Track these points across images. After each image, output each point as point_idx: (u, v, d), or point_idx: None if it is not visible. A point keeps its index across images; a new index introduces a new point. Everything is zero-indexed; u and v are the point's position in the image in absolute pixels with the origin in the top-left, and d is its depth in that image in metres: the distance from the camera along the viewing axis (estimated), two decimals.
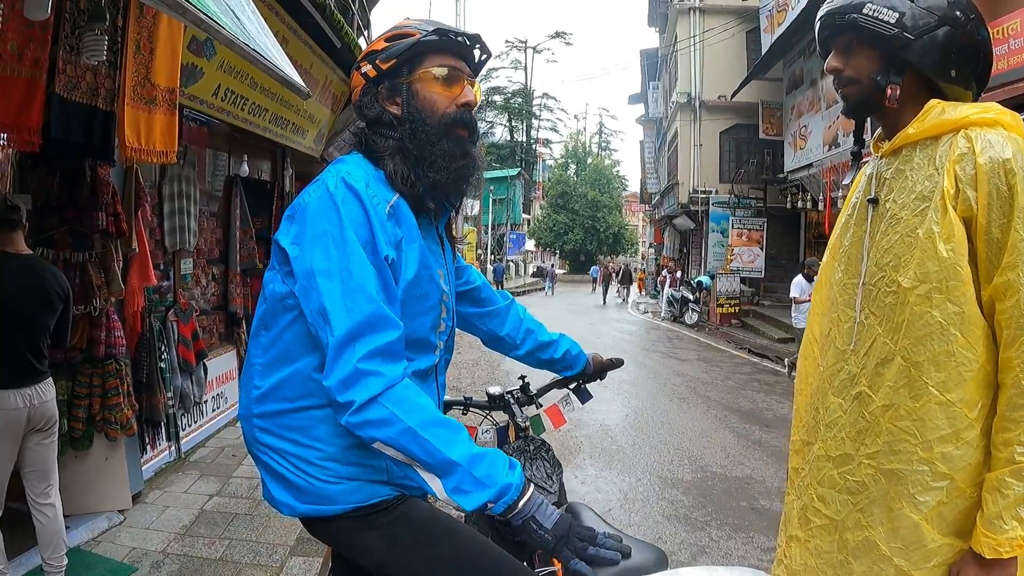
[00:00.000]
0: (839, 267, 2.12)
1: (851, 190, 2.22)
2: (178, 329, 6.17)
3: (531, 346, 2.80)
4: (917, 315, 1.82)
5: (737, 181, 27.02)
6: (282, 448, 1.96)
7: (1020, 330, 1.68)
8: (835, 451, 1.99)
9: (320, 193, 1.90)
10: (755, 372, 14.18)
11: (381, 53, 2.05)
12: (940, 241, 1.79)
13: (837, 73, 2.03)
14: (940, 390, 1.78)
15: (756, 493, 6.51)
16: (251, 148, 8.14)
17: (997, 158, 1.74)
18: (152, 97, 4.57)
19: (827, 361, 2.08)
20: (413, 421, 1.74)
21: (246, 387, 2.04)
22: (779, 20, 20.65)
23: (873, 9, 1.89)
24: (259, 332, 2.03)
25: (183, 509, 5.37)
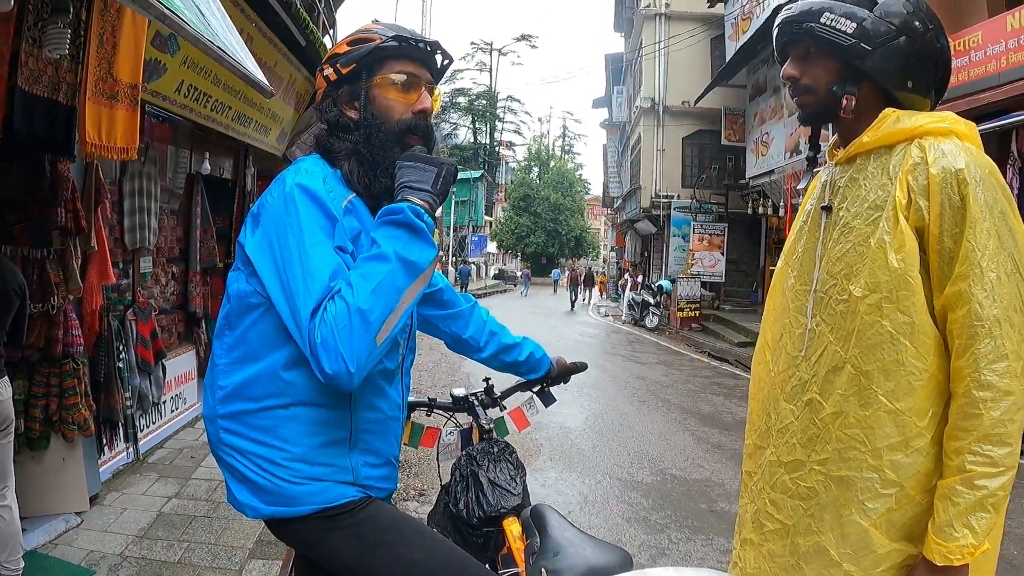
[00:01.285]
0: (792, 273, 2.13)
1: (806, 197, 2.24)
2: (137, 328, 6.08)
3: (495, 349, 2.83)
4: (867, 324, 1.83)
5: (699, 186, 27.31)
6: (247, 449, 1.95)
7: (971, 339, 1.70)
8: (787, 457, 2.00)
9: (279, 192, 1.90)
10: (715, 376, 14.26)
11: (342, 57, 2.06)
12: (891, 251, 1.80)
13: (793, 81, 2.03)
14: (889, 399, 1.80)
15: (715, 495, 6.56)
16: (213, 146, 8.05)
17: (950, 168, 1.75)
18: (114, 92, 4.51)
19: (779, 367, 2.10)
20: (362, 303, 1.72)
21: (211, 387, 2.03)
22: (744, 28, 20.85)
23: (831, 18, 1.89)
24: (223, 332, 2.02)
25: (141, 511, 5.29)
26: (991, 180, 1.76)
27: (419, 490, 6.14)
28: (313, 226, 1.83)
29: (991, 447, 1.66)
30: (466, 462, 2.60)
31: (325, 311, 1.72)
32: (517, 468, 2.62)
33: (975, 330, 1.70)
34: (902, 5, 1.88)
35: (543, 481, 6.78)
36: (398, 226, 1.82)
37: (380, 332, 1.73)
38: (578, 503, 6.24)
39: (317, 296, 1.74)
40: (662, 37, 28.57)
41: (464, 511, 2.46)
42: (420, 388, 10.49)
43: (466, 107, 71.38)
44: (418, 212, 1.84)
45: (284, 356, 1.91)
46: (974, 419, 1.68)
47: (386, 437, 2.12)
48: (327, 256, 1.80)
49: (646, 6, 29.76)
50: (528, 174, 71.84)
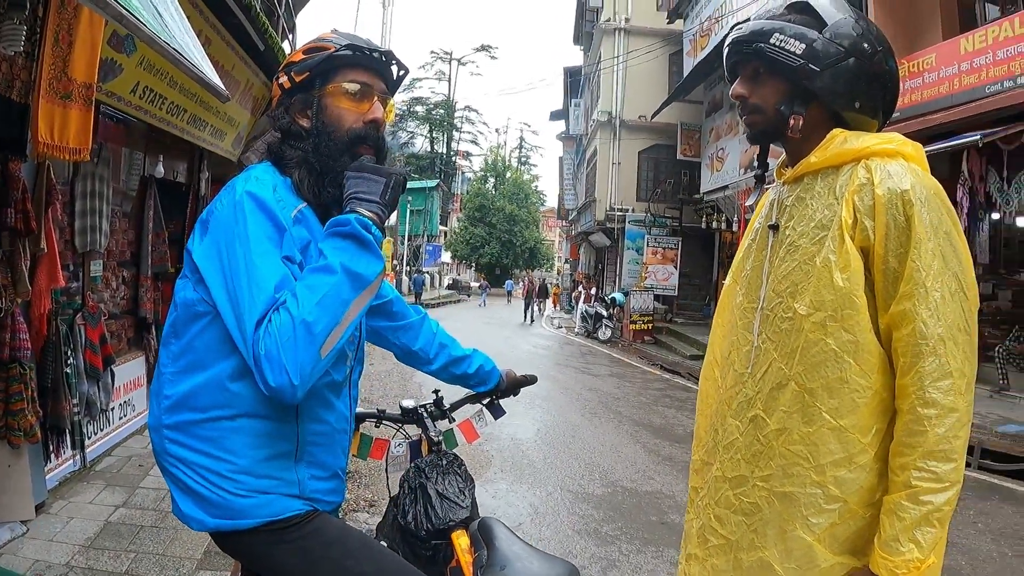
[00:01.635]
0: (740, 291, 2.14)
1: (754, 215, 2.27)
2: (86, 333, 5.97)
3: (444, 361, 2.83)
4: (812, 342, 1.85)
5: (654, 200, 27.54)
6: (192, 460, 1.92)
7: (916, 358, 1.72)
8: (731, 472, 2.01)
9: (228, 199, 1.89)
10: (667, 388, 14.36)
11: (297, 65, 2.06)
12: (836, 270, 1.82)
13: (742, 100, 2.04)
14: (833, 416, 1.81)
15: (665, 507, 6.60)
16: (168, 148, 7.96)
17: (895, 189, 1.78)
18: (68, 92, 4.42)
19: (726, 383, 2.11)
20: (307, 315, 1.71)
21: (156, 396, 2.00)
22: (702, 45, 21.09)
23: (780, 39, 1.90)
24: (169, 340, 1.99)
25: (88, 520, 5.20)
26: (936, 201, 1.79)
27: (369, 501, 6.10)
28: (261, 235, 1.81)
29: (936, 463, 1.68)
30: (415, 474, 2.59)
31: (270, 323, 1.71)
32: (466, 480, 2.62)
33: (919, 348, 1.72)
34: (851, 27, 1.90)
35: (493, 492, 6.78)
36: (345, 238, 1.81)
37: (325, 344, 1.72)
38: (528, 515, 6.24)
39: (262, 307, 1.73)
40: (621, 51, 28.78)
41: (412, 524, 2.45)
42: (371, 398, 10.47)
43: (424, 116, 71.45)
44: (365, 224, 1.84)
45: (230, 366, 1.89)
46: (919, 436, 1.70)
47: (333, 450, 2.11)
48: (273, 266, 1.79)
49: (606, 20, 29.97)
50: (484, 184, 71.85)
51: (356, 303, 1.78)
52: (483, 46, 75.05)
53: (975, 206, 10.47)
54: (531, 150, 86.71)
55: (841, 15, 1.91)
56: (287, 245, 1.85)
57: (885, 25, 12.39)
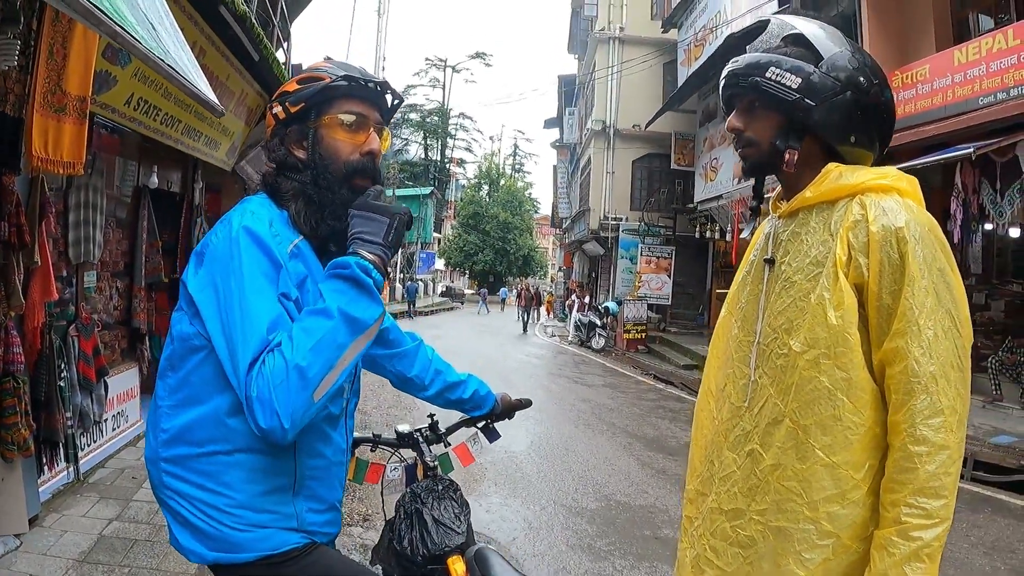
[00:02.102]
0: (736, 323, 2.15)
1: (749, 246, 2.26)
2: (79, 344, 5.95)
3: (440, 387, 2.82)
4: (806, 379, 1.86)
5: (647, 209, 27.56)
6: (190, 494, 1.91)
7: (908, 395, 1.73)
8: (728, 505, 2.02)
9: (224, 233, 1.87)
10: (660, 399, 14.34)
11: (291, 95, 2.04)
12: (830, 308, 1.83)
13: (737, 133, 2.05)
14: (826, 453, 1.82)
15: (659, 522, 6.58)
16: (161, 158, 7.95)
17: (890, 226, 1.79)
18: (62, 105, 4.42)
19: (722, 415, 2.12)
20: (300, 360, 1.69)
21: (153, 429, 1.99)
22: (696, 54, 21.11)
23: (776, 73, 1.91)
24: (166, 373, 1.98)
25: (81, 534, 5.17)
26: (930, 237, 1.80)
27: (363, 515, 6.07)
28: (256, 272, 1.80)
29: (926, 500, 1.69)
30: (410, 499, 2.58)
31: (263, 364, 1.69)
32: (462, 506, 2.62)
33: (912, 386, 1.73)
34: (848, 61, 1.90)
35: (487, 507, 6.76)
36: (344, 280, 1.80)
37: (318, 389, 1.71)
38: (523, 530, 6.22)
39: (255, 347, 1.72)
40: (615, 61, 28.81)
41: (408, 549, 2.44)
42: (368, 422, 10.40)
43: (418, 123, 71.37)
44: (366, 268, 1.82)
45: (227, 401, 1.87)
46: (910, 472, 1.71)
47: (330, 483, 2.10)
48: (268, 305, 1.77)
49: (600, 29, 30.00)
50: (478, 192, 71.92)
51: (352, 348, 1.77)
52: (478, 53, 75.36)
53: (968, 218, 10.50)
54: (525, 157, 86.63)
55: (837, 48, 1.92)
56: (283, 282, 1.83)
57: (878, 36, 12.45)
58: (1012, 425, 9.97)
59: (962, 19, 12.48)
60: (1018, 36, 9.84)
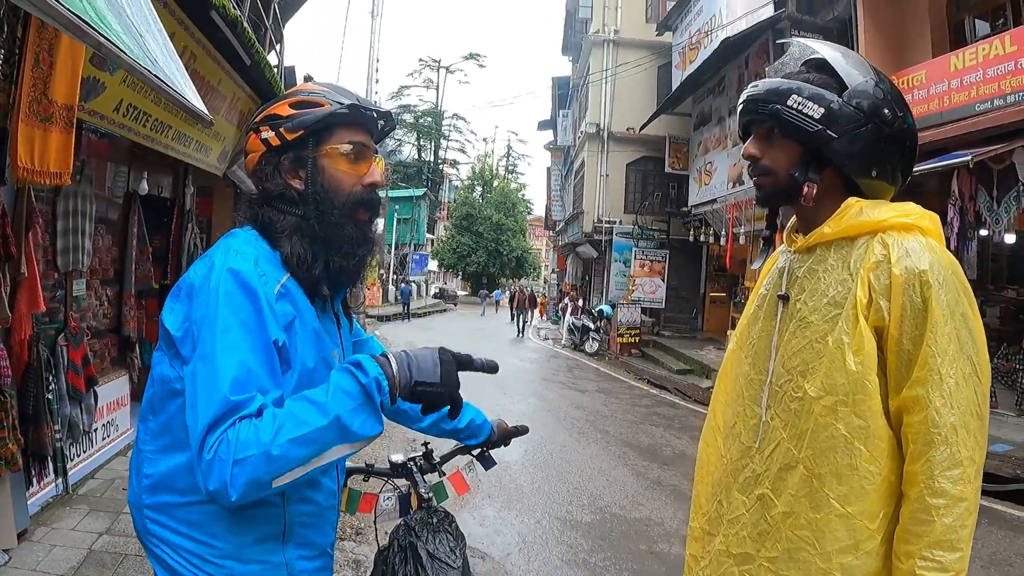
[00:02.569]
0: (746, 359, 2.08)
1: (760, 277, 2.19)
2: (68, 354, 5.87)
3: (434, 418, 2.66)
4: (822, 426, 1.80)
5: (641, 212, 27.59)
6: (175, 543, 1.83)
7: (927, 446, 1.68)
8: (736, 548, 1.96)
9: (205, 272, 1.75)
10: (654, 405, 14.28)
11: (286, 121, 1.89)
12: (849, 353, 1.77)
13: (753, 160, 1.97)
14: (841, 503, 1.77)
15: (655, 536, 6.52)
16: (152, 164, 7.88)
17: (913, 268, 1.73)
18: (49, 115, 4.34)
19: (732, 455, 2.05)
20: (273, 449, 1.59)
21: (136, 473, 1.91)
22: (691, 58, 21.14)
23: (798, 101, 1.84)
24: (147, 416, 1.89)
25: (71, 548, 5.10)
26: (954, 280, 1.74)
27: (356, 528, 5.98)
28: (232, 323, 1.68)
29: (942, 552, 1.64)
30: (404, 532, 2.50)
31: (235, 430, 1.59)
32: (457, 539, 2.53)
33: (931, 437, 1.68)
34: (872, 91, 1.84)
35: (481, 520, 6.69)
36: (356, 384, 1.69)
37: (281, 479, 1.62)
38: (517, 544, 6.15)
39: (216, 407, 1.61)
40: (610, 63, 28.81)
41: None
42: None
43: (411, 124, 71.40)
44: (382, 386, 1.70)
45: None
46: (926, 525, 1.66)
47: (322, 528, 2.02)
48: (238, 359, 1.65)
49: (595, 32, 30.00)
50: (471, 193, 71.86)
51: (333, 453, 1.67)
52: (471, 54, 75.12)
53: (964, 225, 10.46)
54: (518, 159, 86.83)
55: (862, 77, 1.85)
56: (269, 325, 1.72)
57: (874, 41, 12.44)
58: (1007, 433, 9.95)
59: (958, 24, 12.48)
60: (1016, 42, 9.82)
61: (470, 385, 2.74)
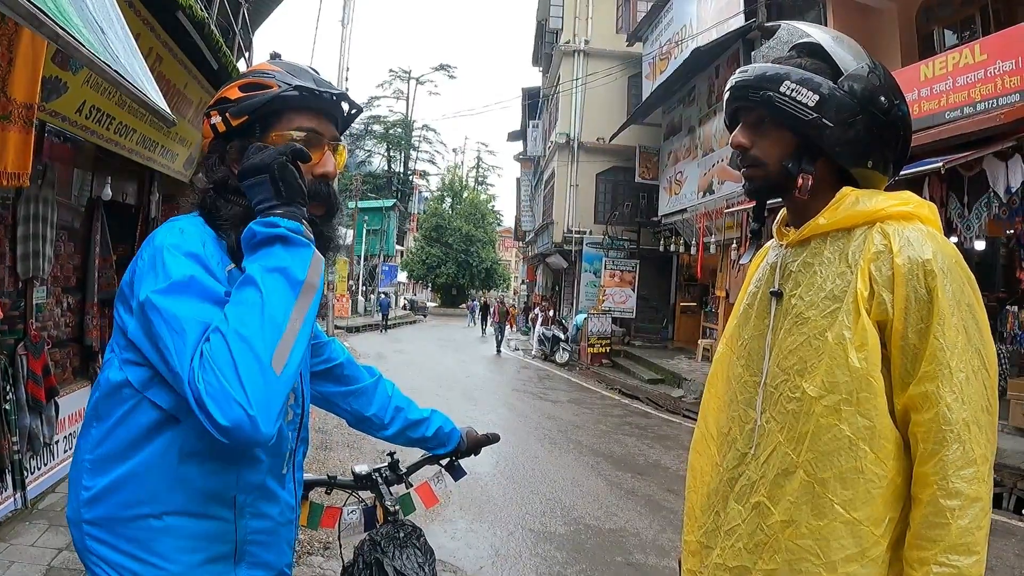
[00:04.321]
0: (739, 361, 1.97)
1: (749, 274, 2.08)
2: (28, 363, 5.69)
3: (400, 425, 2.56)
4: (823, 428, 1.69)
5: (611, 223, 27.65)
6: (117, 562, 1.66)
7: (938, 445, 1.58)
8: (732, 561, 1.84)
9: (148, 252, 1.62)
10: (626, 415, 14.27)
11: (233, 105, 1.75)
12: (852, 349, 1.67)
13: (742, 150, 1.86)
14: (847, 508, 1.66)
15: (631, 547, 6.43)
16: (116, 169, 7.72)
17: (916, 258, 1.63)
18: (7, 113, 4.18)
19: (727, 463, 1.93)
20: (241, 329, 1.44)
21: (74, 486, 1.74)
22: (661, 68, 21.25)
23: (792, 88, 1.73)
24: (91, 423, 1.72)
25: (29, 565, 4.94)
26: (958, 270, 1.65)
27: (324, 543, 5.83)
28: (184, 274, 1.55)
29: (958, 557, 1.54)
30: (370, 548, 2.37)
31: (202, 355, 1.44)
32: (425, 554, 2.40)
33: (944, 435, 1.58)
34: (868, 77, 1.74)
35: (453, 533, 6.57)
36: (255, 247, 1.55)
37: (275, 359, 1.45)
38: (490, 557, 6.04)
39: (194, 340, 1.47)
40: (580, 74, 28.86)
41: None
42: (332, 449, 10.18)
43: (381, 135, 71.42)
44: (268, 222, 1.55)
45: (156, 456, 1.63)
46: (941, 529, 1.56)
47: (278, 547, 1.87)
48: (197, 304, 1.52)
49: (565, 42, 30.08)
50: (441, 204, 72.01)
51: (298, 306, 1.51)
52: (442, 65, 75.48)
53: None
54: (488, 170, 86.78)
55: (857, 63, 1.76)
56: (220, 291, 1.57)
57: None
58: None
59: (927, 35, 12.58)
60: (985, 51, 9.91)
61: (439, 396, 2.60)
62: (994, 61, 9.77)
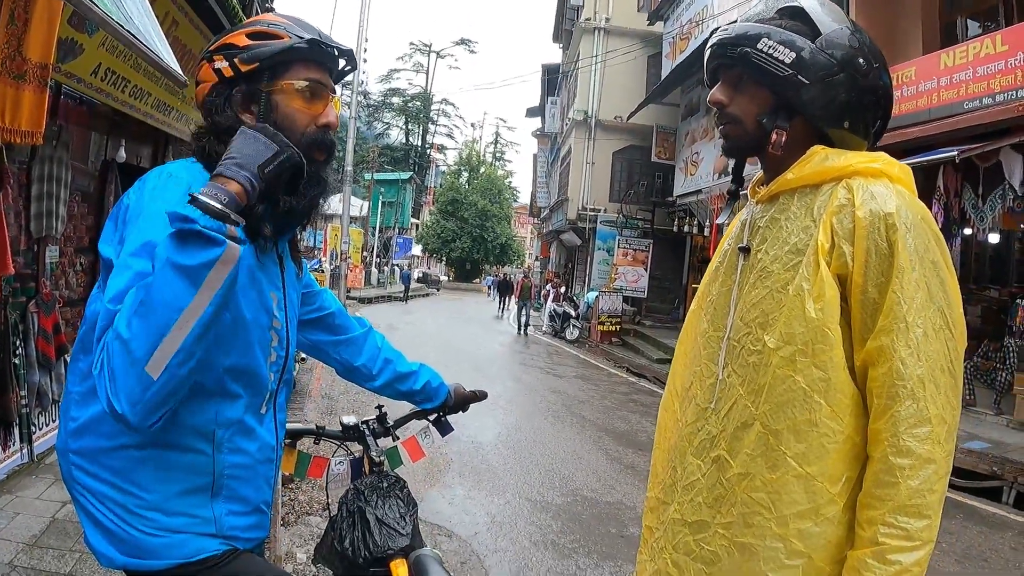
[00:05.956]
0: (705, 317, 1.98)
1: (724, 236, 2.09)
2: (39, 321, 5.77)
3: (389, 377, 2.62)
4: (779, 379, 1.69)
5: (626, 201, 27.59)
6: (100, 491, 1.74)
7: (891, 400, 1.57)
8: (691, 516, 1.85)
9: (138, 194, 1.70)
10: (632, 392, 14.29)
11: (242, 52, 1.79)
12: (809, 300, 1.67)
13: (720, 107, 1.87)
14: (799, 462, 1.66)
15: (626, 520, 6.49)
16: (131, 132, 7.74)
17: (878, 211, 1.62)
18: (22, 72, 4.23)
19: (687, 418, 1.94)
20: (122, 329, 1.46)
21: (63, 417, 1.82)
22: (681, 48, 21.10)
23: (769, 45, 1.75)
24: (78, 356, 1.79)
25: (34, 517, 5.02)
26: (923, 227, 1.64)
27: (324, 504, 5.86)
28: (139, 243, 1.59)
29: (907, 519, 1.53)
30: (353, 497, 2.43)
31: (103, 345, 1.51)
32: (408, 505, 2.46)
33: (896, 390, 1.57)
34: (847, 39, 1.75)
35: (450, 499, 6.65)
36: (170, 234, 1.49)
37: (151, 363, 1.45)
38: (486, 524, 6.11)
39: (103, 321, 1.53)
40: (600, 51, 28.75)
41: (350, 550, 2.29)
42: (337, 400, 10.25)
43: (400, 107, 71.22)
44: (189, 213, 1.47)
45: None
46: (890, 487, 1.54)
47: (255, 482, 1.92)
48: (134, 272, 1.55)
49: (586, 19, 29.94)
50: (457, 179, 71.85)
51: (192, 307, 1.48)
52: (463, 40, 75.21)
53: (949, 221, 10.46)
54: (506, 146, 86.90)
55: (837, 25, 1.76)
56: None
57: None
58: (985, 431, 9.96)
59: (950, 24, 12.47)
60: (1006, 42, 9.82)
61: (445, 364, 2.65)
62: (1015, 52, 9.67)
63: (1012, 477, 8.23)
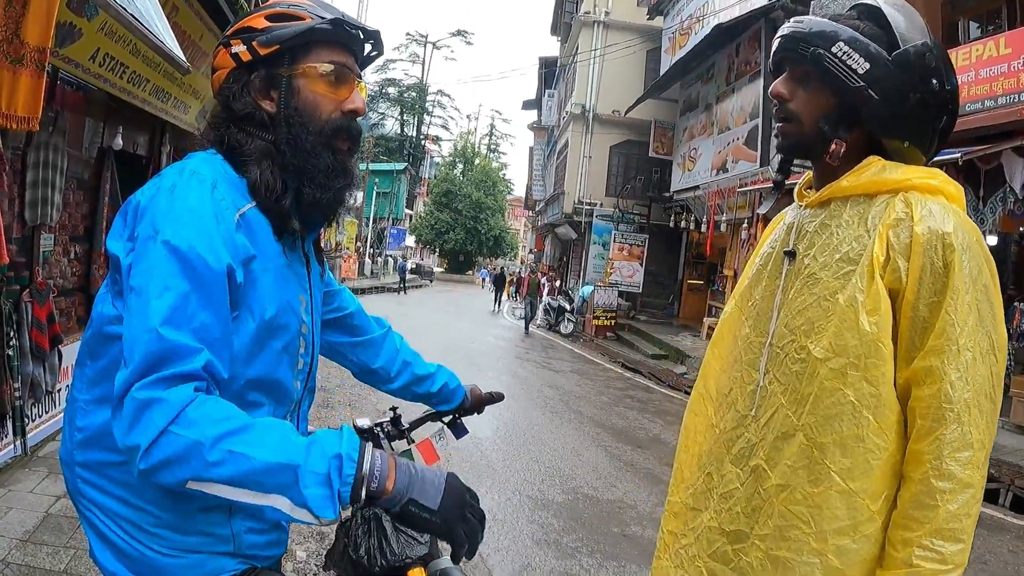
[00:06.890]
0: (747, 322, 1.93)
1: (763, 237, 2.03)
2: (33, 311, 5.67)
3: (407, 379, 2.52)
4: (827, 391, 1.65)
5: (623, 196, 27.60)
6: (109, 507, 1.63)
7: (936, 422, 1.55)
8: (729, 525, 1.81)
9: (154, 191, 1.55)
10: (628, 388, 14.28)
11: (261, 34, 1.68)
12: (863, 312, 1.62)
13: (780, 101, 1.81)
14: (844, 477, 1.63)
15: (628, 518, 6.44)
16: (128, 119, 7.64)
17: (937, 229, 1.58)
18: (20, 56, 4.14)
19: (726, 424, 1.90)
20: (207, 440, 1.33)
21: (69, 426, 1.70)
22: (681, 43, 21.09)
23: (844, 51, 1.67)
24: (84, 361, 1.67)
25: (27, 511, 4.93)
26: (977, 249, 1.60)
27: None
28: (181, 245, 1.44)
29: (943, 542, 1.52)
30: None
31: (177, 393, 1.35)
32: None
33: (943, 413, 1.54)
34: (926, 57, 1.67)
35: None
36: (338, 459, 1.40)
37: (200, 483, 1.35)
38: (487, 522, 5.98)
39: (143, 346, 1.37)
40: (598, 45, 28.69)
41: (365, 558, 2.19)
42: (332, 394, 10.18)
43: (395, 98, 71.12)
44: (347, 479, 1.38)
45: None
46: (929, 510, 1.53)
47: None
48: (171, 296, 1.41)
49: (585, 12, 29.88)
50: (452, 170, 71.87)
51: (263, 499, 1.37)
52: (459, 31, 75.27)
53: None
54: (501, 138, 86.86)
55: (918, 39, 1.68)
56: (222, 252, 1.48)
57: None
58: None
59: (952, 25, 12.42)
60: (1010, 44, 9.82)
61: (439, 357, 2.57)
62: (1018, 56, 9.67)
63: (1009, 480, 8.22)
